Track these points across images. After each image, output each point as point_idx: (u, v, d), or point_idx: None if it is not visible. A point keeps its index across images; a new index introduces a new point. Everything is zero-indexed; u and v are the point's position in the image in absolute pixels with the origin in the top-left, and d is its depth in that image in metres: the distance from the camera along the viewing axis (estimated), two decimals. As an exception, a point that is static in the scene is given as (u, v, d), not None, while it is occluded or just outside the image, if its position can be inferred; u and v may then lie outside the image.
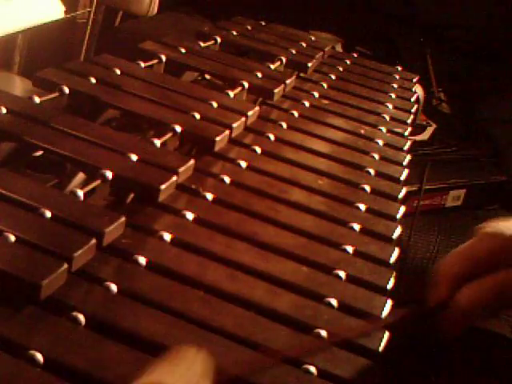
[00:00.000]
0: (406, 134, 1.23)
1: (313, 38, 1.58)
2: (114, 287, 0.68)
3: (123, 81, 1.07)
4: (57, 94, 0.98)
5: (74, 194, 0.76)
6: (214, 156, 0.97)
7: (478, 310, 0.60)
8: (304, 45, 1.48)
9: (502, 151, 2.30)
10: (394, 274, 0.82)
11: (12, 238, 0.66)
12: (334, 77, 1.39)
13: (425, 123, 2.24)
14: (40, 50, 1.69)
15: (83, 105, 1.00)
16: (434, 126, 2.28)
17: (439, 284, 0.63)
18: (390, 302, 0.76)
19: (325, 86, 1.32)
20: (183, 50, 1.26)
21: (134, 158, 0.85)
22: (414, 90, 1.46)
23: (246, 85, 1.17)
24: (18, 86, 1.43)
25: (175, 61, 1.21)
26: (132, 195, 0.85)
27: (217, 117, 1.02)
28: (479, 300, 0.60)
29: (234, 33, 1.45)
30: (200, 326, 0.66)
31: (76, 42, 1.77)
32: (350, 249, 0.84)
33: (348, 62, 1.50)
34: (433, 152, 2.21)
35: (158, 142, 0.91)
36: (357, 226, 0.89)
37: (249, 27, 1.51)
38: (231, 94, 1.12)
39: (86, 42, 1.74)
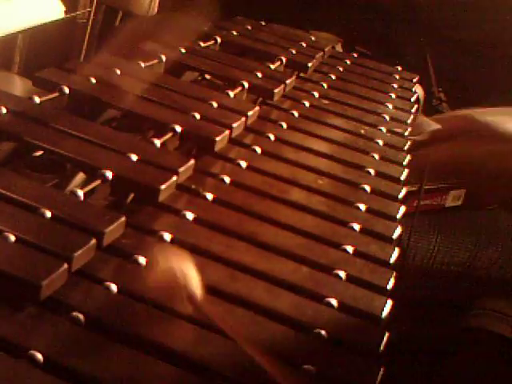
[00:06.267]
0: (406, 133, 1.23)
1: (313, 38, 1.58)
2: (114, 287, 0.68)
3: (123, 81, 1.07)
4: (57, 94, 0.98)
5: (74, 194, 0.76)
6: (214, 156, 0.97)
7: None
8: (304, 45, 1.48)
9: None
10: (394, 274, 0.82)
11: (12, 238, 0.66)
12: (333, 77, 1.39)
13: (425, 123, 2.24)
14: (40, 49, 1.69)
15: (83, 105, 1.00)
16: (434, 126, 2.27)
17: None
18: (390, 302, 0.76)
19: (325, 85, 1.33)
20: (183, 50, 1.26)
21: (134, 157, 0.85)
22: (414, 90, 1.46)
23: (246, 85, 1.17)
24: (18, 85, 1.43)
25: (175, 61, 1.21)
26: (132, 195, 0.85)
27: (217, 117, 1.02)
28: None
29: (234, 33, 1.44)
30: (200, 326, 0.66)
31: (76, 42, 1.76)
32: (350, 249, 0.84)
33: (348, 62, 1.50)
34: (433, 152, 2.21)
35: (158, 142, 0.91)
36: (357, 226, 0.89)
37: (249, 27, 1.51)
38: (231, 93, 1.12)
39: (85, 42, 1.74)
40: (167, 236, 0.77)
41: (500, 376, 1.53)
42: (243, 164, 0.97)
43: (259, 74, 1.22)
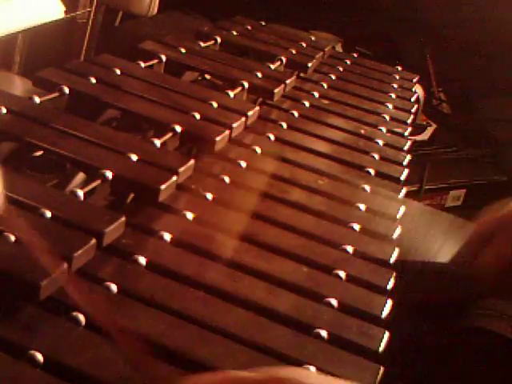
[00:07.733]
0: (406, 133, 1.23)
1: (313, 38, 1.58)
2: (114, 287, 0.68)
3: (123, 81, 1.07)
4: (57, 94, 0.98)
5: (74, 194, 0.76)
6: (214, 156, 0.97)
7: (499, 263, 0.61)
8: (304, 45, 1.48)
9: (501, 151, 2.30)
10: (394, 274, 0.82)
11: (12, 238, 0.66)
12: (333, 77, 1.39)
13: (425, 123, 2.24)
14: (40, 49, 1.69)
15: (83, 105, 1.00)
16: (434, 126, 2.28)
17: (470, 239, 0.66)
18: (390, 302, 0.76)
19: (325, 86, 1.33)
20: (183, 50, 1.26)
21: (134, 157, 0.85)
22: (414, 90, 1.46)
23: (246, 85, 1.17)
24: (18, 85, 1.43)
25: (175, 61, 1.21)
26: (132, 195, 0.85)
27: (217, 117, 1.02)
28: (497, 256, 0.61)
29: (234, 33, 1.45)
30: (200, 326, 0.66)
31: (76, 41, 1.77)
32: (350, 249, 0.84)
33: (348, 62, 1.50)
34: (433, 152, 2.22)
35: (158, 142, 0.91)
36: (357, 226, 0.89)
37: (249, 27, 1.51)
38: (231, 94, 1.12)
39: (85, 42, 1.74)
40: (167, 236, 0.77)
41: (500, 376, 1.53)
42: (243, 164, 0.97)
43: (259, 74, 1.22)
